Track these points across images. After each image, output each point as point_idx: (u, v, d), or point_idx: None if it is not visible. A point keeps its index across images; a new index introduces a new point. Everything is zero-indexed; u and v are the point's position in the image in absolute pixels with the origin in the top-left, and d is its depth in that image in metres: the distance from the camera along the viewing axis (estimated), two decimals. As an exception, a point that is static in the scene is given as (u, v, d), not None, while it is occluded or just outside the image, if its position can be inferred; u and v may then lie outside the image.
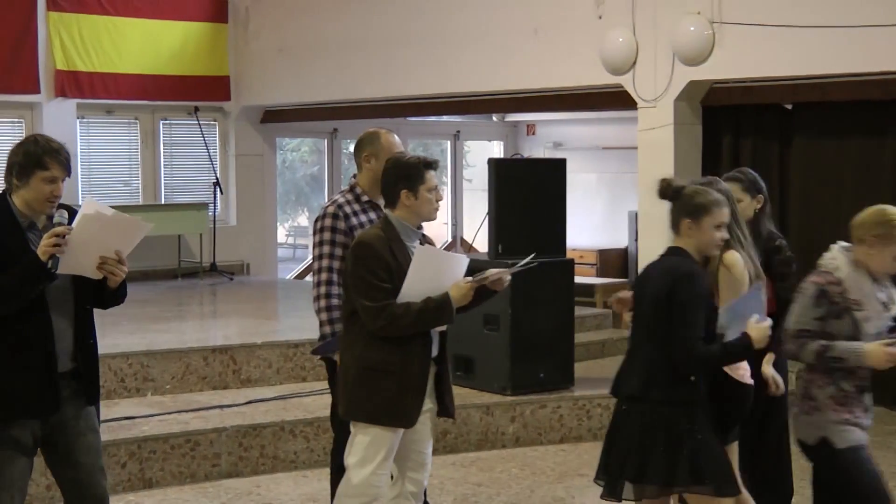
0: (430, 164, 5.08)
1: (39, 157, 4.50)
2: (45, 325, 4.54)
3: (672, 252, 4.82)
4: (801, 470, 5.55)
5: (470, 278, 5.03)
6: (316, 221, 5.70)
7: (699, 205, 4.77)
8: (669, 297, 4.63)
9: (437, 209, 5.15)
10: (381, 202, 5.31)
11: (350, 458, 5.04)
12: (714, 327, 4.69)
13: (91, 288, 4.64)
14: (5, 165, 4.57)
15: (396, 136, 5.79)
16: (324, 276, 5.58)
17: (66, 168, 4.57)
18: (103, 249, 4.53)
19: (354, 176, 5.81)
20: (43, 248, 4.38)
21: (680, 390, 4.66)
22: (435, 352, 5.12)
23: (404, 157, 5.18)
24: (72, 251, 4.44)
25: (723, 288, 4.99)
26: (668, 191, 4.89)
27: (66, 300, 4.61)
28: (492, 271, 5.09)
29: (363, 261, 4.96)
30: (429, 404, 5.14)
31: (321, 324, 5.60)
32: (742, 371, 5.04)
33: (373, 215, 5.61)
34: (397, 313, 4.89)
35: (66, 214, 4.54)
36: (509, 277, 5.13)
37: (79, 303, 4.65)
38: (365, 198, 5.69)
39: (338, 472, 5.34)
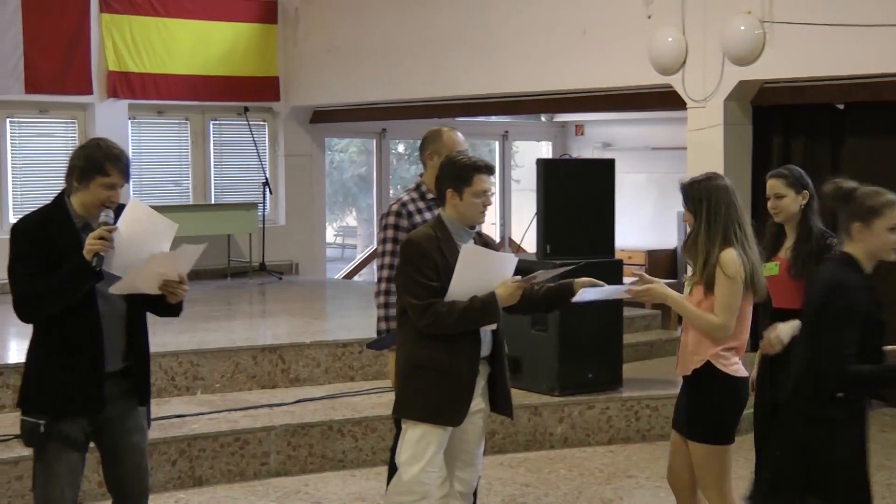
0: (482, 168, 5.01)
1: (101, 162, 4.54)
2: (94, 324, 4.58)
3: (840, 258, 4.56)
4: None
5: (518, 277, 5.00)
6: (381, 220, 5.80)
7: (870, 207, 4.46)
8: (824, 308, 4.43)
9: (482, 213, 5.08)
10: None
11: (401, 456, 5.06)
12: (876, 344, 4.43)
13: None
14: (67, 167, 4.62)
15: (460, 134, 5.79)
16: (384, 272, 5.67)
17: (126, 175, 4.61)
18: (167, 273, 4.60)
19: (421, 174, 5.86)
20: (87, 247, 4.43)
21: (822, 406, 4.44)
22: (486, 351, 5.09)
23: (459, 156, 5.14)
24: (136, 274, 4.50)
25: (717, 285, 4.93)
26: (838, 193, 4.61)
27: (119, 300, 4.65)
28: (583, 280, 5.09)
29: (410, 259, 4.97)
30: (480, 404, 5.13)
31: (378, 320, 5.69)
32: (734, 364, 4.93)
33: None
34: (442, 311, 4.88)
35: (111, 214, 4.57)
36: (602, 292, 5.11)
37: (131, 304, 4.69)
38: (430, 195, 5.72)
39: (395, 469, 5.36)
